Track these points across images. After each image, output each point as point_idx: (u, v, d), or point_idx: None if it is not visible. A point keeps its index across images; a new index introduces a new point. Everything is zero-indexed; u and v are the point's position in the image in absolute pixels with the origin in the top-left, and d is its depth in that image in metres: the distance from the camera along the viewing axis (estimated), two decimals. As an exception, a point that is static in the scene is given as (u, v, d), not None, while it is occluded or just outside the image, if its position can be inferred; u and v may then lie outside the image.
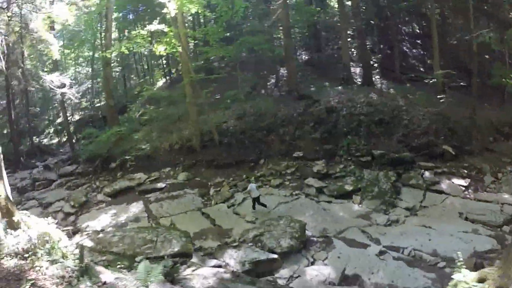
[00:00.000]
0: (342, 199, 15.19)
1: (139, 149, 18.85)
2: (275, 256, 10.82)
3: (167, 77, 29.41)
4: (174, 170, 17.80)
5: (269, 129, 18.16)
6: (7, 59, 19.83)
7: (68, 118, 28.92)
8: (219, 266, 10.21)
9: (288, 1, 23.92)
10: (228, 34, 21.82)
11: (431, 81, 20.66)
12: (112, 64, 27.06)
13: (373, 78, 23.71)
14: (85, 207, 17.01)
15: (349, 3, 26.85)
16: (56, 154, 28.66)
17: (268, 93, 22.65)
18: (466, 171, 16.46)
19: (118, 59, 30.92)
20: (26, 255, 7.69)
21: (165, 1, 16.28)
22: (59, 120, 34.07)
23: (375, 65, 25.85)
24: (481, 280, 6.29)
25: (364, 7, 27.30)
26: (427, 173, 16.22)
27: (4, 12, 15.28)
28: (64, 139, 31.13)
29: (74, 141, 27.19)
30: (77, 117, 32.72)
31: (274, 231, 11.81)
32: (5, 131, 29.68)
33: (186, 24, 26.52)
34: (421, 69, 28.10)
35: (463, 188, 15.40)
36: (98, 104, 31.90)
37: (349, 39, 26.54)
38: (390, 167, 16.60)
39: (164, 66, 30.58)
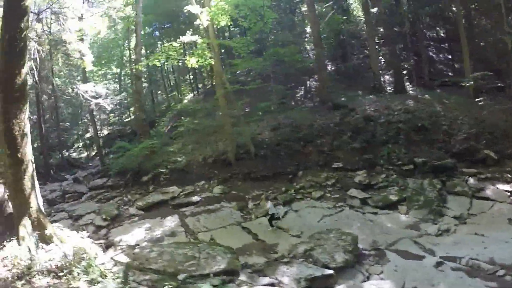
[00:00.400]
0: (388, 210, 14.24)
1: (175, 161, 18.06)
2: (331, 271, 9.83)
3: (195, 92, 28.82)
4: (208, 184, 16.89)
5: (305, 140, 17.20)
6: (38, 74, 19.57)
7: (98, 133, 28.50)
8: (272, 285, 9.19)
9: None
10: (253, 47, 20.96)
11: (467, 84, 19.37)
12: (140, 79, 26.71)
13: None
14: (117, 221, 16.13)
15: (373, 10, 25.90)
16: (85, 168, 28.39)
17: (298, 104, 21.74)
18: (510, 176, 15.27)
19: (145, 75, 30.63)
20: (61, 274, 6.94)
21: (197, 12, 15.80)
22: (88, 135, 33.96)
23: (404, 72, 24.74)
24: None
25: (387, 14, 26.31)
26: (471, 180, 15.18)
27: (36, 20, 14.93)
28: (93, 153, 30.88)
29: (103, 154, 26.70)
30: (105, 132, 32.51)
31: (326, 245, 10.83)
32: (35, 145, 29.72)
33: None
34: (449, 73, 26.80)
35: (509, 194, 14.34)
36: (127, 119, 31.62)
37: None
38: (432, 175, 15.64)
39: (191, 81, 30.07)
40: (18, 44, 7.49)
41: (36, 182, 8.78)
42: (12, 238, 7.94)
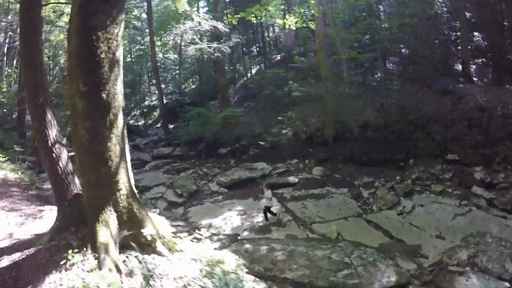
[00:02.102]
0: (513, 214, 11.47)
1: (259, 134, 15.31)
2: (508, 285, 7.40)
3: (261, 65, 25.85)
4: (303, 163, 14.18)
5: (415, 125, 14.20)
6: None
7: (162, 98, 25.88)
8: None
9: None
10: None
11: None
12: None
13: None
14: (195, 198, 13.24)
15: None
16: (144, 135, 26.19)
17: (380, 84, 18.61)
18: None
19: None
20: None
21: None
22: (145, 103, 31.73)
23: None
24: None
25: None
26: None
27: None
28: (150, 121, 28.67)
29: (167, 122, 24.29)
30: (164, 101, 30.10)
31: (489, 251, 8.29)
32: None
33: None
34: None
35: None
36: (187, 90, 29.13)
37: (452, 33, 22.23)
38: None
39: (257, 53, 27.10)
40: None
41: (127, 147, 4.96)
42: (81, 245, 4.24)
